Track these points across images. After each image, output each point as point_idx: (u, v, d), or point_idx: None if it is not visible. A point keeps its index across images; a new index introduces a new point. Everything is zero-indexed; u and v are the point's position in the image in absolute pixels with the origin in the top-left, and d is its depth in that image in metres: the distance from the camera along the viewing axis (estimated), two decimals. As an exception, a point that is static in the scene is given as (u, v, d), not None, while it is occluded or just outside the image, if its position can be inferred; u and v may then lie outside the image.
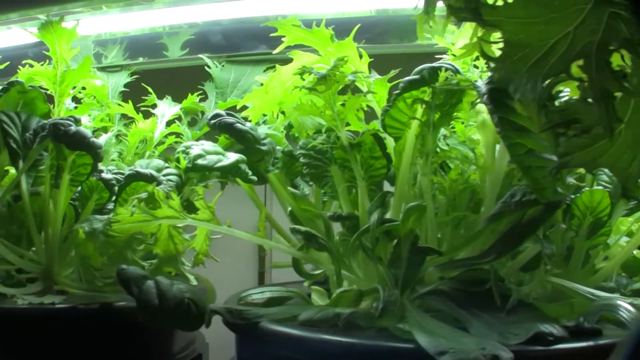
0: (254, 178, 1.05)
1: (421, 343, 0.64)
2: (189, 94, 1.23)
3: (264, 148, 0.97)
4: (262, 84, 0.96)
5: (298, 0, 1.25)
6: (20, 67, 1.14)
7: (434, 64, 0.86)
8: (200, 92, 1.22)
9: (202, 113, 1.21)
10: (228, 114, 0.98)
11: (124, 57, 1.36)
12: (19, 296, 0.95)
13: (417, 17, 0.79)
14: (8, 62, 1.19)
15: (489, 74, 0.82)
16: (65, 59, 1.10)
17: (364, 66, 0.92)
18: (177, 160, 1.05)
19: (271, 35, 0.93)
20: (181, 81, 1.32)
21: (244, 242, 0.95)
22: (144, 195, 0.86)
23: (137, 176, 0.98)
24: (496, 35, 0.65)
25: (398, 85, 0.91)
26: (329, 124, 0.87)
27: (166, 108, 1.16)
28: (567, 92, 0.76)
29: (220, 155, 1.03)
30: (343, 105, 0.88)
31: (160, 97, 1.23)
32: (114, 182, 0.98)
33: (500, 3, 0.61)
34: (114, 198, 1.00)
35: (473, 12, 0.66)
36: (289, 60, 1.23)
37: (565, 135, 0.62)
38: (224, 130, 0.97)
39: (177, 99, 1.24)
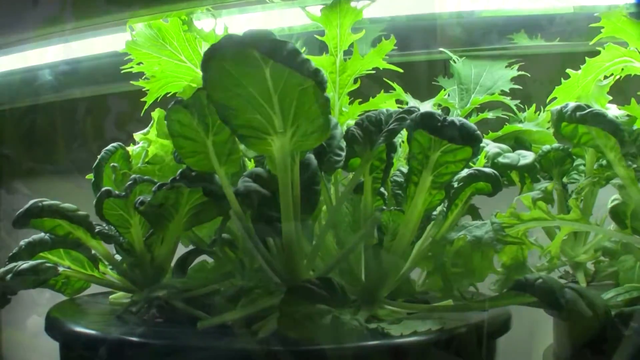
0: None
1: None
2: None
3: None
4: (569, 77, 0.98)
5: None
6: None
7: None
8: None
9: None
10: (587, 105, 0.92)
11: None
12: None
13: None
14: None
15: None
16: (346, 44, 0.99)
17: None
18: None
19: (591, 25, 0.94)
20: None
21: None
22: (535, 194, 0.85)
23: (480, 176, 0.86)
24: None
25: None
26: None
27: (417, 105, 1.13)
28: None
29: (514, 153, 1.04)
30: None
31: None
32: (454, 183, 0.85)
33: None
34: (445, 202, 0.87)
35: None
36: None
37: None
38: (595, 121, 0.88)
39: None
